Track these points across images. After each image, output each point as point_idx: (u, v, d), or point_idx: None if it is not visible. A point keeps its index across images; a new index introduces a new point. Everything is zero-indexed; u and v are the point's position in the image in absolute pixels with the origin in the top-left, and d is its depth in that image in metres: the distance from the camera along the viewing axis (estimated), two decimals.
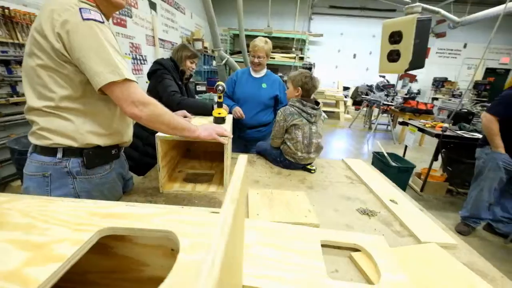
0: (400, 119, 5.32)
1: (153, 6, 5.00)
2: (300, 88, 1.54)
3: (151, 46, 5.01)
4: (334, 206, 1.18)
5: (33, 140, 0.85)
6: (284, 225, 0.95)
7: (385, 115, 6.10)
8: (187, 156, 1.61)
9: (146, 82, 1.76)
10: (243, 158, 0.51)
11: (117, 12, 3.95)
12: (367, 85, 8.36)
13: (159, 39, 5.26)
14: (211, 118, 1.45)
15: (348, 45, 8.93)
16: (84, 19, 0.75)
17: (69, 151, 0.85)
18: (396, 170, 3.08)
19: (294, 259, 0.78)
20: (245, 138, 2.05)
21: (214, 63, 6.60)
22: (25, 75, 0.82)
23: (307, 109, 1.51)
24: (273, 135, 1.62)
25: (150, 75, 1.63)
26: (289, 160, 1.56)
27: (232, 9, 3.15)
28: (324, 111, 8.04)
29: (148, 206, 0.57)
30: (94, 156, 0.90)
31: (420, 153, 4.99)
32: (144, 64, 4.80)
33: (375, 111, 6.86)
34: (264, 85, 1.97)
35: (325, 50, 9.06)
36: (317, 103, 1.58)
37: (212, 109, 1.55)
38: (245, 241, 0.84)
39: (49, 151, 0.84)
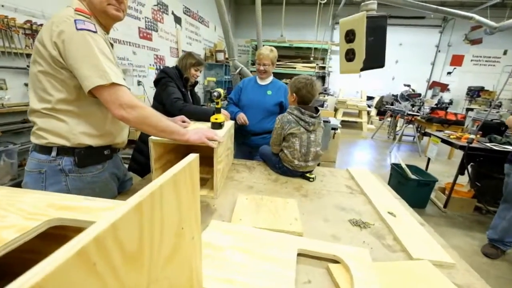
0: (428, 130, 4.99)
1: (178, 20, 5.32)
2: (295, 94, 1.52)
3: (174, 58, 5.29)
4: (325, 216, 1.13)
5: (33, 139, 0.93)
6: (264, 232, 0.93)
7: (410, 125, 5.75)
8: None
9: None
10: (192, 156, 0.52)
11: (144, 27, 4.27)
12: (393, 95, 8.00)
13: (183, 50, 5.54)
14: (208, 124, 1.48)
15: None
16: (78, 29, 0.83)
17: (62, 150, 0.93)
18: (415, 183, 2.88)
19: (264, 266, 0.76)
20: (250, 145, 2.06)
21: None
22: (30, 81, 0.91)
23: (305, 118, 1.48)
24: (271, 142, 1.61)
25: (156, 83, 1.72)
26: (287, 167, 1.53)
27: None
28: (345, 121, 7.85)
29: (105, 201, 0.59)
30: (85, 156, 0.96)
31: (449, 166, 4.61)
32: None
33: (400, 121, 6.50)
34: (269, 92, 1.99)
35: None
36: (317, 111, 1.54)
37: (213, 114, 1.59)
38: (218, 244, 0.84)
39: (45, 149, 0.92)
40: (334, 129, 3.17)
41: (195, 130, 1.14)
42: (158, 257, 0.40)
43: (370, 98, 8.62)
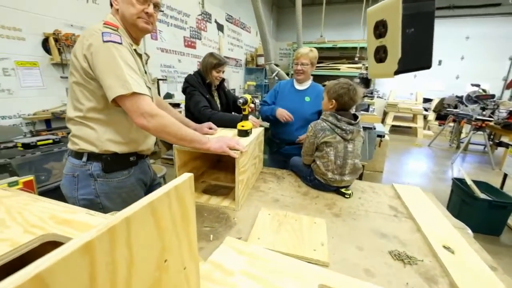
0: (504, 139, 4.16)
1: (220, 28, 5.51)
2: (334, 100, 1.36)
3: None
4: (360, 243, 0.96)
5: (69, 145, 1.00)
6: (282, 258, 0.82)
7: (480, 132, 4.88)
8: (216, 167, 1.64)
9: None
10: (183, 177, 0.46)
11: (189, 36, 4.51)
12: (457, 96, 6.97)
13: (225, 56, 5.71)
14: (236, 131, 1.43)
15: None
16: (104, 41, 0.85)
17: (92, 156, 0.97)
18: (485, 204, 2.39)
19: None
20: (284, 154, 1.92)
21: None
22: (68, 91, 0.98)
23: (341, 125, 1.32)
24: (303, 151, 1.48)
25: (183, 93, 1.75)
26: (319, 180, 1.39)
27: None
28: (397, 126, 7.10)
29: (104, 217, 0.57)
30: (112, 162, 1.00)
31: None
32: None
33: (467, 127, 5.59)
34: (307, 99, 1.81)
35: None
36: (356, 117, 1.37)
37: (241, 121, 1.54)
38: (229, 267, 0.76)
39: (78, 155, 0.98)
40: (381, 136, 2.84)
41: (217, 139, 1.09)
42: None
43: (427, 100, 7.66)
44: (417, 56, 0.41)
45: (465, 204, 2.54)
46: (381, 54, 0.44)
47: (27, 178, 1.43)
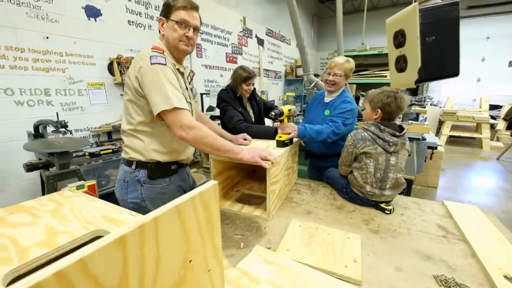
0: None
1: (261, 42, 5.71)
2: (380, 110, 1.28)
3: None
4: (399, 263, 0.89)
5: (122, 154, 1.15)
6: (311, 271, 0.81)
7: None
8: (251, 177, 1.68)
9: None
10: (207, 185, 0.50)
11: (230, 52, 4.79)
12: None
13: (264, 69, 5.89)
14: (271, 142, 1.47)
15: (497, 51, 6.73)
16: (152, 64, 0.98)
17: (139, 164, 1.10)
18: None
19: None
20: (316, 167, 1.88)
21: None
22: (123, 107, 1.14)
23: (384, 136, 1.24)
24: (340, 161, 1.43)
25: (218, 107, 1.86)
26: (355, 193, 1.32)
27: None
28: (457, 137, 6.29)
29: (144, 217, 0.65)
30: (155, 170, 1.11)
31: None
32: None
33: None
34: (327, 112, 1.70)
35: (461, 60, 7.19)
36: (402, 129, 1.28)
37: (275, 133, 1.57)
38: (256, 275, 0.78)
39: (129, 163, 1.12)
40: (432, 147, 2.56)
41: (250, 149, 1.14)
42: None
43: (495, 107, 6.66)
44: (440, 64, 0.39)
45: None
46: (401, 64, 0.42)
47: (91, 183, 1.67)
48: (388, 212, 1.24)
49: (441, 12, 0.38)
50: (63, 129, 1.89)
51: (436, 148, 2.59)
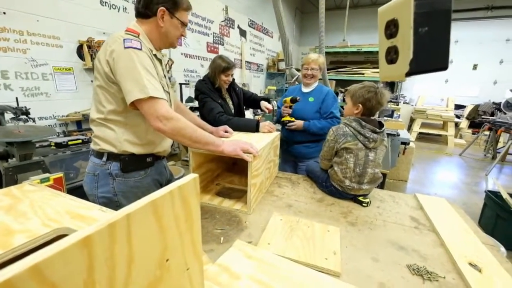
0: None
1: (243, 33, 5.60)
2: (361, 105, 1.30)
3: (238, 69, 5.58)
4: (375, 254, 0.92)
5: (91, 145, 1.07)
6: (292, 265, 0.80)
7: None
8: (232, 170, 1.65)
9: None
10: (187, 178, 0.46)
11: (212, 41, 4.64)
12: (494, 103, 6.46)
13: (246, 61, 5.80)
14: (253, 134, 1.45)
15: (464, 54, 7.21)
16: (125, 48, 0.90)
17: (111, 156, 1.02)
18: None
19: None
20: (293, 153, 1.98)
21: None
22: (92, 94, 1.05)
23: (365, 132, 1.26)
24: (321, 155, 1.44)
25: (196, 99, 1.79)
26: (335, 187, 1.34)
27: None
28: (426, 134, 6.71)
29: (112, 213, 0.60)
30: (129, 162, 1.04)
31: None
32: None
33: (505, 136, 5.15)
34: (311, 99, 1.88)
35: None
36: (381, 125, 1.31)
37: (256, 126, 1.54)
38: (236, 271, 0.76)
39: (99, 154, 1.04)
40: (405, 143, 2.70)
41: (231, 142, 1.11)
42: None
43: (460, 106, 7.17)
44: (431, 57, 0.39)
45: (500, 219, 2.32)
46: (392, 55, 0.42)
47: (57, 175, 1.53)
48: (365, 205, 1.28)
49: (435, 3, 0.38)
50: (24, 116, 1.72)
51: (408, 144, 2.72)
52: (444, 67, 0.42)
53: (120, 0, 2.92)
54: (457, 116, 6.81)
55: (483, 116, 5.92)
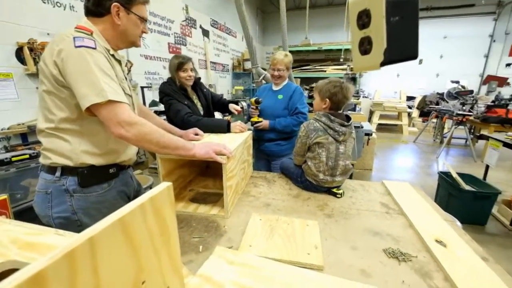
0: (484, 132, 4.32)
1: (206, 33, 5.48)
2: (328, 100, 1.34)
3: (203, 69, 5.45)
4: (354, 243, 0.94)
5: (40, 159, 0.93)
6: (275, 265, 0.79)
7: (461, 127, 5.05)
8: (205, 174, 1.59)
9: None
10: (160, 187, 0.42)
11: (173, 42, 4.45)
12: (438, 93, 7.20)
13: (211, 62, 5.69)
14: (224, 135, 1.41)
15: None
16: (76, 47, 0.80)
17: (66, 170, 0.91)
18: (470, 196, 2.45)
19: None
20: (265, 152, 1.99)
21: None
22: (38, 100, 0.92)
23: (334, 126, 1.30)
24: (294, 151, 1.46)
25: (161, 102, 1.70)
26: (310, 181, 1.36)
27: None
28: (384, 125, 7.26)
29: (73, 236, 0.52)
30: (89, 175, 0.93)
31: None
32: None
33: (449, 123, 5.78)
34: (280, 96, 1.92)
35: None
36: (349, 119, 1.36)
37: (228, 126, 1.50)
38: (218, 279, 0.72)
39: (50, 169, 0.91)
40: (368, 134, 2.87)
41: (203, 144, 1.05)
42: None
43: (410, 98, 7.89)
44: (403, 46, 0.40)
45: (452, 196, 2.59)
46: (365, 46, 0.42)
47: (1, 197, 1.33)
48: (339, 196, 1.32)
49: None
50: None
51: (371, 134, 2.90)
52: (415, 56, 0.44)
53: None
54: (409, 107, 7.48)
55: (430, 106, 6.58)
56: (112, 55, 0.94)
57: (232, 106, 1.89)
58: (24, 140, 2.31)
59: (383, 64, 0.43)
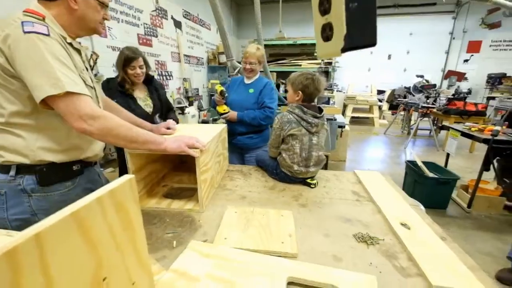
0: (445, 123, 4.67)
1: (178, 25, 5.27)
2: (300, 92, 1.36)
3: (176, 62, 5.26)
4: (326, 230, 0.98)
5: None
6: (250, 255, 0.79)
7: (426, 119, 5.42)
8: (179, 169, 1.55)
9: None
10: (121, 180, 0.39)
11: (143, 33, 4.24)
12: (405, 87, 7.62)
13: (184, 55, 5.50)
14: (198, 128, 1.37)
15: (381, 46, 8.29)
16: (25, 32, 0.73)
17: (22, 168, 0.83)
18: (433, 182, 2.65)
19: None
20: (238, 145, 1.99)
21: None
22: None
23: (307, 118, 1.33)
24: (269, 143, 1.47)
25: None
26: (285, 173, 1.39)
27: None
28: (356, 117, 7.57)
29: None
30: (49, 173, 0.87)
31: (471, 161, 4.28)
32: (170, 79, 5.04)
33: (415, 115, 6.18)
34: (251, 90, 1.92)
35: (356, 53, 8.52)
36: (321, 110, 1.39)
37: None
38: (193, 273, 0.71)
39: (3, 168, 0.83)
40: (341, 126, 2.98)
41: (175, 138, 1.02)
42: None
43: (381, 92, 8.28)
44: (362, 32, 0.41)
45: (417, 183, 2.78)
46: (327, 32, 0.43)
47: None
48: (313, 186, 1.36)
49: None
50: None
51: (344, 127, 3.01)
52: (373, 43, 0.45)
53: None
54: (380, 100, 7.86)
55: (398, 99, 6.96)
56: (70, 44, 0.87)
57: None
58: None
59: (343, 50, 0.44)
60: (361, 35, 0.42)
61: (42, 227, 0.27)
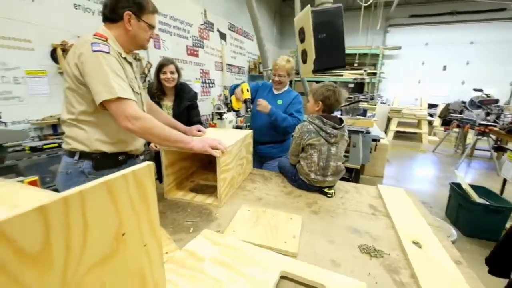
0: (508, 146, 4.09)
1: (223, 36, 5.67)
2: (321, 102, 1.41)
3: (219, 71, 5.64)
4: (332, 237, 1.01)
5: (63, 145, 1.10)
6: (252, 248, 0.88)
7: (484, 138, 4.80)
8: (207, 168, 1.71)
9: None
10: (141, 165, 0.53)
11: (191, 45, 4.68)
12: (463, 102, 6.87)
13: (227, 64, 5.87)
14: (224, 133, 1.51)
15: (435, 56, 7.66)
16: (93, 51, 0.95)
17: (83, 155, 1.06)
18: (481, 208, 2.37)
19: (238, 284, 0.71)
20: (259, 154, 2.03)
21: None
22: (63, 96, 1.08)
23: (326, 128, 1.37)
24: (290, 151, 1.54)
25: None
26: (302, 180, 1.44)
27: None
28: (402, 132, 7.04)
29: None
30: (101, 160, 1.08)
31: None
32: (212, 87, 5.43)
33: (472, 133, 5.51)
34: (279, 102, 1.95)
35: (405, 63, 8.02)
36: (341, 122, 1.42)
37: None
38: (200, 254, 0.83)
39: (71, 154, 1.07)
40: (376, 140, 2.86)
41: (200, 139, 1.17)
42: (80, 259, 0.41)
43: (433, 105, 7.58)
44: (329, 56, 0.48)
45: (462, 208, 2.52)
46: (304, 57, 0.51)
47: (32, 178, 1.54)
48: (330, 196, 1.38)
49: (328, 14, 0.47)
50: None
51: (379, 140, 2.89)
52: (342, 65, 0.52)
53: (94, 3, 2.91)
54: (431, 115, 7.20)
55: (452, 114, 6.30)
56: (124, 58, 1.09)
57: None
58: (55, 130, 2.58)
59: (314, 71, 0.51)
60: (329, 59, 0.49)
61: (85, 187, 0.41)
